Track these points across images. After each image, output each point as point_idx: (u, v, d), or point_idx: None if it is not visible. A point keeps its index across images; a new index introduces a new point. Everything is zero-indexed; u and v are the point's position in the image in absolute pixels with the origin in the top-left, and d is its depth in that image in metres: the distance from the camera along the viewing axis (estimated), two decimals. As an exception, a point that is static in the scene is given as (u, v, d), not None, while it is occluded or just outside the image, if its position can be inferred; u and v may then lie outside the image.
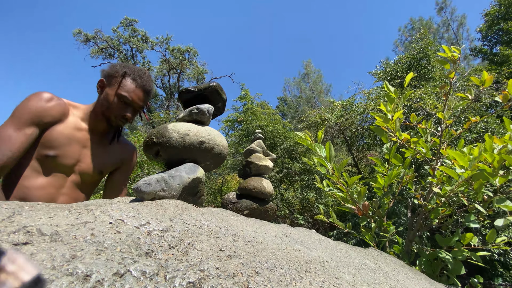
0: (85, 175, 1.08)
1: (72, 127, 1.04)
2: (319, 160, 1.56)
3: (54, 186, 1.00)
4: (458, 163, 1.21)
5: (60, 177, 1.01)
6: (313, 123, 6.84)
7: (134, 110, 1.13)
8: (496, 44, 10.71)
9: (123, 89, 1.07)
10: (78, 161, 1.06)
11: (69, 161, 1.02)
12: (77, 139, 1.05)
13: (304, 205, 6.74)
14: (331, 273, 0.66)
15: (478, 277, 1.42)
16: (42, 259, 0.44)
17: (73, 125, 1.04)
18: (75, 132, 1.05)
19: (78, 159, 1.06)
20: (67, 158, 1.01)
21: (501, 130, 4.27)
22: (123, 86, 1.07)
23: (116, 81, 1.08)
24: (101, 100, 1.08)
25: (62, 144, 1.00)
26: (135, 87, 1.10)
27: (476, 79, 1.38)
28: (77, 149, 1.05)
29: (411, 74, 1.52)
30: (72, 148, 1.03)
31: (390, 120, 1.46)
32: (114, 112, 1.08)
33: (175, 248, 0.58)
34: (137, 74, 1.12)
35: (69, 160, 1.02)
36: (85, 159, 1.08)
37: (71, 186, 1.05)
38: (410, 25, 17.47)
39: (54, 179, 1.00)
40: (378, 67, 7.56)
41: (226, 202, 1.41)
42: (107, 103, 1.07)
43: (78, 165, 1.06)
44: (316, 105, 17.98)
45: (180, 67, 13.98)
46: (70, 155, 1.02)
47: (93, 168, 1.10)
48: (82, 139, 1.07)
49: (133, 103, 1.10)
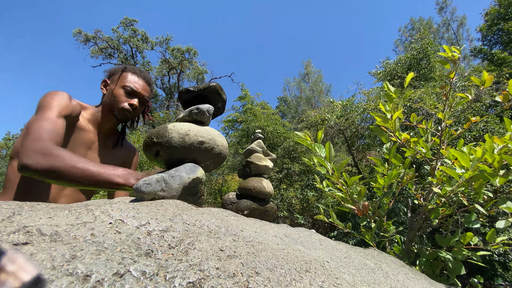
0: None
1: (79, 129, 1.06)
2: (318, 160, 1.55)
3: (55, 187, 1.00)
4: (459, 163, 1.21)
5: None
6: (313, 123, 6.84)
7: (139, 100, 1.16)
8: (496, 44, 10.72)
9: (126, 80, 1.12)
10: None
11: None
12: (82, 140, 1.06)
13: (304, 205, 6.75)
14: (331, 273, 0.66)
15: (479, 277, 1.42)
16: (42, 259, 0.44)
17: (81, 126, 1.06)
18: (81, 134, 1.06)
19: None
20: None
21: (501, 130, 4.28)
22: (124, 78, 1.13)
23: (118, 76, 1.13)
24: (107, 97, 1.12)
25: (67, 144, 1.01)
26: (138, 78, 1.15)
27: (477, 79, 1.38)
28: (82, 151, 1.06)
29: (411, 74, 1.52)
30: (77, 150, 1.04)
31: (390, 120, 1.46)
32: (121, 103, 1.11)
33: (175, 248, 0.58)
34: (137, 69, 1.18)
35: None
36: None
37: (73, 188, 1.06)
38: (410, 25, 17.48)
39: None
40: (378, 67, 7.57)
41: (226, 202, 1.41)
42: (113, 97, 1.11)
43: None
44: (316, 105, 17.98)
45: (180, 67, 13.98)
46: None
47: None
48: (88, 140, 1.09)
49: (137, 92, 1.14)
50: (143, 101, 1.17)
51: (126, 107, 1.11)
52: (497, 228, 1.19)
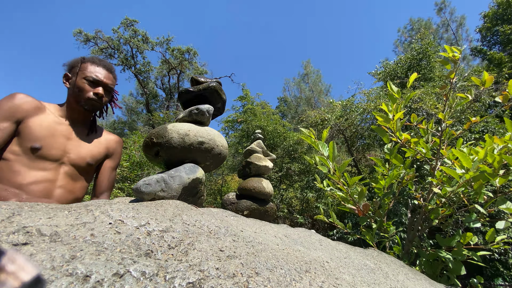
0: (76, 165, 1.11)
1: (51, 121, 1.08)
2: (321, 159, 1.55)
3: (48, 179, 1.02)
4: (460, 164, 1.21)
5: (52, 169, 1.04)
6: (313, 123, 6.85)
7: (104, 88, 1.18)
8: (495, 45, 10.74)
9: (86, 71, 1.14)
10: (65, 152, 1.09)
11: (56, 152, 1.06)
12: (59, 131, 1.09)
13: (304, 205, 6.74)
14: (331, 273, 0.66)
15: (479, 278, 1.42)
16: (42, 260, 0.44)
17: (51, 120, 1.09)
18: (56, 126, 1.09)
19: (65, 150, 1.09)
20: (53, 149, 1.05)
21: (501, 130, 4.28)
22: (85, 69, 1.14)
23: (78, 68, 1.14)
24: (71, 89, 1.14)
25: (44, 135, 1.04)
26: (97, 66, 1.17)
27: (477, 79, 1.38)
28: (62, 141, 1.09)
29: (415, 75, 1.52)
30: (56, 140, 1.07)
31: (391, 120, 1.46)
32: (86, 93, 1.12)
33: (174, 248, 0.58)
34: (96, 58, 1.19)
35: (55, 151, 1.05)
36: (73, 150, 1.11)
37: (65, 178, 1.08)
38: (410, 26, 17.48)
39: (46, 173, 1.02)
40: (378, 67, 7.57)
41: (226, 202, 1.41)
42: (77, 88, 1.12)
43: (67, 156, 1.09)
44: (316, 106, 17.99)
45: (180, 67, 13.98)
46: (55, 146, 1.06)
47: (82, 158, 1.13)
48: (65, 131, 1.11)
49: (99, 81, 1.15)
50: (108, 89, 1.20)
51: (91, 97, 1.14)
52: (497, 229, 1.19)
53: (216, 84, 1.19)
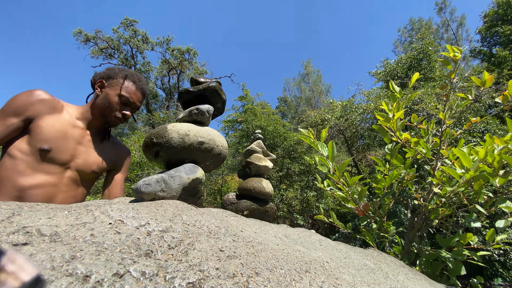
0: (81, 172, 1.09)
1: (66, 123, 1.06)
2: (320, 159, 1.55)
3: (52, 184, 1.00)
4: (460, 164, 1.21)
5: (57, 174, 1.02)
6: (313, 123, 6.85)
7: (132, 110, 1.20)
8: (495, 46, 10.73)
9: (125, 90, 1.14)
10: (73, 156, 1.07)
11: (65, 156, 1.03)
12: (72, 135, 1.07)
13: (304, 205, 6.74)
14: (331, 273, 0.66)
15: (479, 278, 1.42)
16: (42, 260, 0.44)
17: (67, 121, 1.07)
18: (70, 128, 1.07)
19: (74, 154, 1.07)
20: (62, 153, 1.02)
21: (500, 131, 4.28)
22: (125, 87, 1.14)
23: (117, 83, 1.14)
24: (101, 100, 1.12)
25: (55, 137, 1.01)
26: (135, 89, 1.17)
27: (477, 79, 1.38)
28: (72, 145, 1.06)
29: (417, 75, 1.51)
30: (67, 143, 1.04)
31: (391, 119, 1.46)
32: (114, 111, 1.13)
33: (174, 248, 0.58)
34: (136, 77, 1.19)
35: (64, 155, 1.03)
36: (81, 155, 1.09)
37: (69, 183, 1.06)
38: (410, 26, 17.48)
39: (51, 177, 1.00)
40: (378, 66, 7.58)
41: (226, 202, 1.41)
42: (107, 102, 1.11)
43: (74, 161, 1.07)
44: (316, 106, 17.98)
45: (180, 67, 13.98)
46: (65, 150, 1.03)
47: (89, 165, 1.11)
48: (77, 135, 1.09)
49: (132, 104, 1.17)
50: (135, 109, 1.21)
51: (118, 116, 1.14)
52: (497, 228, 1.19)
53: (216, 84, 1.19)
